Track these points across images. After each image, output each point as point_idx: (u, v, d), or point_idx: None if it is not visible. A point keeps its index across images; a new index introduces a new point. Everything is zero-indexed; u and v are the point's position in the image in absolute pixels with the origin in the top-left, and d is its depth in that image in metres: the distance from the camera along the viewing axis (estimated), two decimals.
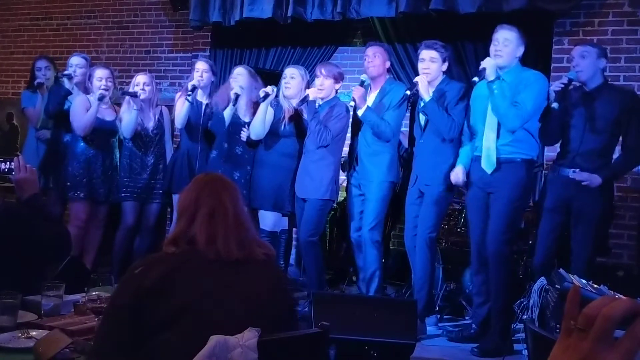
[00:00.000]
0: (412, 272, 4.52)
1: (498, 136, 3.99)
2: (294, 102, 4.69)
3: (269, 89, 4.68)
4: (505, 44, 3.98)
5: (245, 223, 1.94)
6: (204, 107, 5.00)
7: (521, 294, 4.01)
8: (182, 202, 1.94)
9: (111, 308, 1.78)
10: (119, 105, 5.21)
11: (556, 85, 3.90)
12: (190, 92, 4.85)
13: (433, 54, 4.27)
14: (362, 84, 4.54)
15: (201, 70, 5.03)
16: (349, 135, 4.88)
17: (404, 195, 4.59)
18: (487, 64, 3.94)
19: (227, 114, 4.80)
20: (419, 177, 4.37)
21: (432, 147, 4.31)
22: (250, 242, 1.90)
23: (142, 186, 5.02)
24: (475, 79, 4.02)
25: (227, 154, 4.88)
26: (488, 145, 4.01)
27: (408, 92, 4.33)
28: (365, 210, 4.55)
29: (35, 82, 5.49)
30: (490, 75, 3.91)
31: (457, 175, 4.18)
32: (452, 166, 4.26)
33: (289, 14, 5.71)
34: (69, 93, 5.11)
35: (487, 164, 4.01)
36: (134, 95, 4.92)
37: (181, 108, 4.90)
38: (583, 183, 3.84)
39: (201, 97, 5.04)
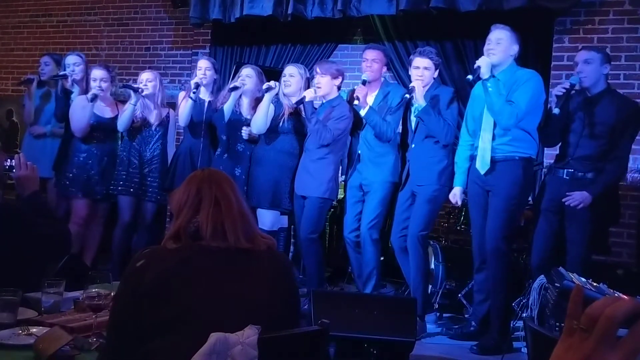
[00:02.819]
0: (402, 272, 4.54)
1: (494, 136, 4.00)
2: (294, 100, 4.70)
3: (272, 83, 4.69)
4: (498, 42, 3.99)
5: (248, 215, 1.93)
6: (206, 104, 5.00)
7: (521, 292, 4.02)
8: (179, 198, 1.88)
9: (115, 306, 1.77)
10: (122, 102, 5.22)
11: (558, 90, 3.89)
12: (194, 90, 4.86)
13: (427, 62, 4.32)
14: (364, 83, 4.54)
15: (204, 68, 5.04)
16: None
17: None
18: (481, 62, 3.96)
19: (227, 106, 4.80)
20: (412, 177, 4.39)
21: (425, 150, 4.34)
22: (254, 234, 1.88)
23: (138, 180, 5.02)
24: (470, 76, 4.05)
25: (228, 151, 4.88)
26: (483, 146, 4.03)
27: (407, 96, 4.34)
28: (366, 207, 4.56)
29: (23, 78, 5.54)
30: (485, 73, 3.93)
31: (455, 195, 4.26)
32: (446, 167, 4.30)
33: (289, 11, 5.71)
34: (70, 92, 5.13)
35: (481, 165, 4.02)
36: (136, 90, 4.94)
37: (184, 106, 4.91)
38: (578, 207, 3.84)
39: (204, 94, 5.05)
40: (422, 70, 4.31)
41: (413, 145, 4.43)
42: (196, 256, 1.77)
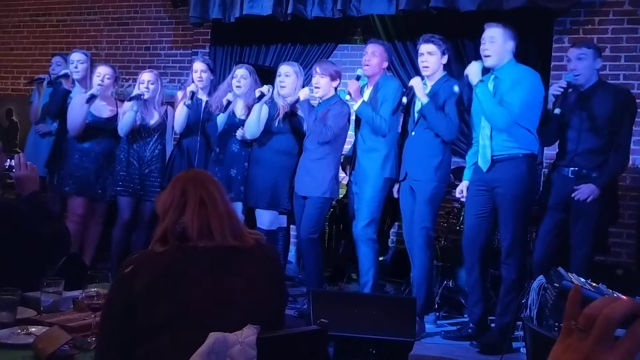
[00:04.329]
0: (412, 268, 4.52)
1: (493, 133, 4.00)
2: (289, 100, 4.69)
3: (264, 88, 4.66)
4: (492, 41, 3.99)
5: (234, 213, 1.93)
6: (203, 104, 5.00)
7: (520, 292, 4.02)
8: (165, 200, 1.88)
9: (105, 312, 1.77)
10: (121, 101, 5.22)
11: (555, 89, 3.90)
12: (189, 101, 4.86)
13: (431, 47, 4.28)
14: (357, 78, 4.52)
15: (199, 71, 5.04)
16: (351, 132, 4.88)
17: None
18: (469, 70, 4.00)
19: (221, 119, 4.79)
20: (409, 172, 4.37)
21: (423, 142, 4.30)
22: (241, 231, 1.88)
23: (138, 181, 5.01)
24: (456, 88, 4.14)
25: (223, 151, 4.88)
26: (483, 143, 4.05)
27: (405, 99, 4.31)
28: (358, 207, 4.53)
29: (35, 77, 5.56)
30: (474, 79, 3.95)
31: (462, 190, 4.28)
32: (441, 162, 4.28)
33: (289, 11, 5.71)
34: (68, 92, 5.12)
35: (483, 162, 4.04)
36: (138, 97, 4.92)
37: (180, 112, 4.92)
38: (588, 200, 3.85)
39: (201, 95, 5.05)
40: (426, 55, 4.27)
41: (413, 133, 4.37)
42: (184, 258, 1.77)
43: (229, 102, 4.75)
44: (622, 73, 5.04)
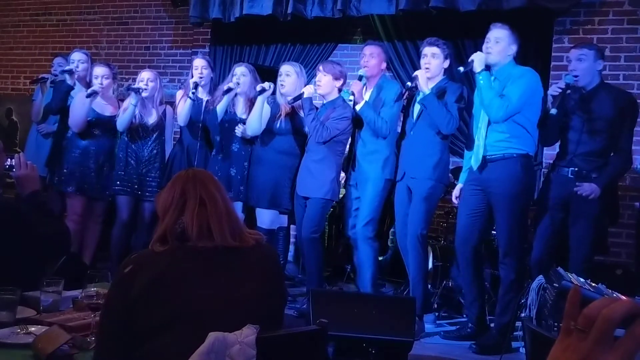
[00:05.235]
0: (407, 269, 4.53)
1: (489, 132, 4.00)
2: (287, 90, 4.69)
3: (265, 84, 4.67)
4: (497, 41, 3.99)
5: (234, 213, 1.93)
6: (204, 103, 5.00)
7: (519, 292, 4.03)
8: (165, 200, 1.87)
9: (105, 312, 1.76)
10: (122, 100, 5.22)
11: (553, 90, 3.89)
12: (193, 90, 4.87)
13: (435, 50, 4.29)
14: (360, 78, 4.53)
15: (200, 67, 5.04)
16: None
17: None
18: (476, 56, 4.00)
19: (220, 107, 4.79)
20: (406, 172, 4.37)
21: (422, 140, 4.30)
22: (241, 231, 1.88)
23: (136, 180, 5.01)
24: (461, 68, 4.08)
25: (223, 151, 4.88)
26: (478, 143, 4.05)
27: (409, 84, 4.33)
28: (360, 206, 4.54)
29: (37, 76, 5.55)
30: (477, 67, 3.95)
31: (456, 194, 4.29)
32: (439, 161, 4.28)
33: (289, 11, 5.72)
34: (71, 89, 5.12)
35: (475, 160, 4.04)
36: (138, 91, 4.92)
37: (183, 105, 4.92)
38: (590, 197, 3.85)
39: (201, 93, 5.05)
40: (429, 57, 4.28)
41: (412, 133, 4.37)
42: (184, 258, 1.77)
43: (229, 89, 4.75)
44: (622, 73, 5.04)
